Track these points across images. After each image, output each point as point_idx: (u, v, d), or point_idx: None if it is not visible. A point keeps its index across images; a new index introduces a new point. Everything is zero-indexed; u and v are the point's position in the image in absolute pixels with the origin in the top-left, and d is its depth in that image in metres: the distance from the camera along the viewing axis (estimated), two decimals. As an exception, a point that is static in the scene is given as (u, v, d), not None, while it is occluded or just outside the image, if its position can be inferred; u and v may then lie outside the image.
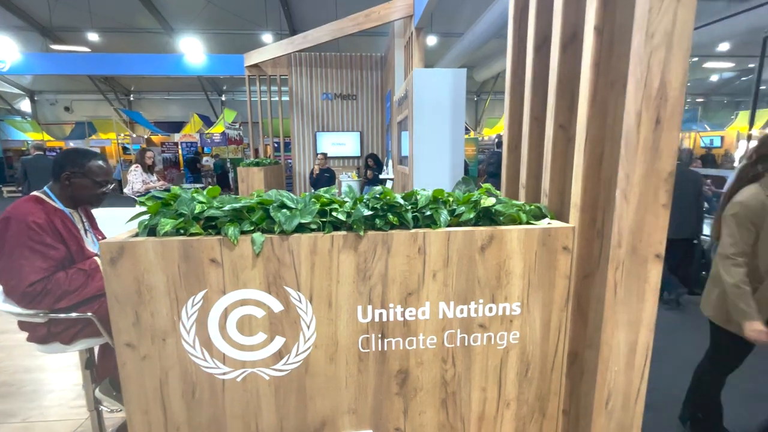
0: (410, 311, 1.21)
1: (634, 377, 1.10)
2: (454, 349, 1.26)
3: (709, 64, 14.16)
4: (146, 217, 1.17)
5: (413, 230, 1.17)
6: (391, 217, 1.18)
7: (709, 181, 8.10)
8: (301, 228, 1.15)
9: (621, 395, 1.11)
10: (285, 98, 7.16)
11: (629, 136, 0.98)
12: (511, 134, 1.65)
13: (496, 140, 10.81)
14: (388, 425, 1.28)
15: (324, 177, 5.65)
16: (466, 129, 15.98)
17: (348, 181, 6.25)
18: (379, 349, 1.23)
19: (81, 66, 9.22)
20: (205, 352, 1.16)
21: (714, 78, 16.61)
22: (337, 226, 1.18)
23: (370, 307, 1.19)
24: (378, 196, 1.22)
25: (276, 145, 9.10)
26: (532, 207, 1.33)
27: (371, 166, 5.83)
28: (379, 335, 1.22)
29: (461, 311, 1.23)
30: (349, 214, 1.16)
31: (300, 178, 7.26)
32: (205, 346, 1.16)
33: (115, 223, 1.69)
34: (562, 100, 1.28)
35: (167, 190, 1.22)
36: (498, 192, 1.38)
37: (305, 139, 7.16)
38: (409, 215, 1.19)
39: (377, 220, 1.17)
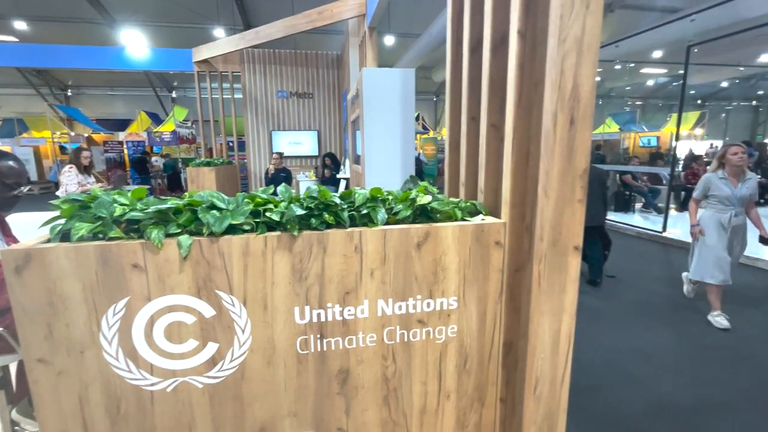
0: (349, 310, 1.21)
1: (559, 363, 1.17)
2: (394, 346, 1.27)
3: (645, 70, 15.31)
4: (62, 221, 1.08)
5: (349, 229, 1.17)
6: (327, 216, 1.17)
7: (645, 177, 8.80)
8: (234, 229, 1.12)
9: (548, 381, 1.17)
10: (238, 96, 6.92)
11: (548, 135, 1.04)
12: (452, 134, 1.70)
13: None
14: (330, 426, 1.28)
15: (280, 177, 5.51)
16: (426, 128, 16.25)
17: (306, 181, 6.15)
18: (319, 349, 1.21)
19: (7, 57, 8.37)
20: (130, 363, 1.10)
21: (650, 83, 18.00)
22: (272, 226, 1.15)
23: (307, 308, 1.18)
24: (314, 195, 1.21)
25: (231, 144, 8.77)
26: (468, 204, 1.38)
27: (328, 166, 5.77)
28: (318, 336, 1.20)
29: (400, 308, 1.25)
30: (283, 214, 1.14)
31: (255, 179, 7.04)
32: (130, 356, 1.09)
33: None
34: (494, 100, 1.33)
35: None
36: (435, 190, 1.41)
37: (260, 138, 6.96)
38: (346, 214, 1.18)
39: (313, 220, 1.16)
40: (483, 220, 1.30)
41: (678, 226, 6.50)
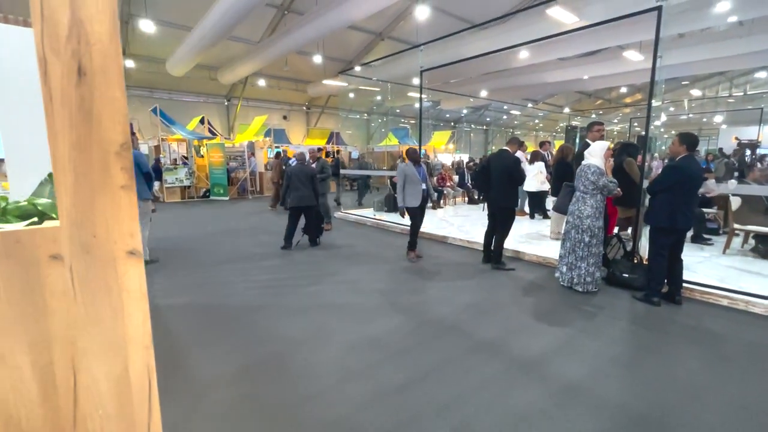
0: None
1: (136, 414, 0.86)
2: None
3: (411, 93, 18.37)
4: None
5: None
6: None
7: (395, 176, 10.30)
8: None
9: (120, 441, 0.85)
10: None
11: (44, 93, 0.71)
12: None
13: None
14: None
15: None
16: (213, 133, 14.78)
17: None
18: None
19: None
20: None
21: (416, 104, 21.85)
22: None
23: None
24: None
25: None
26: (25, 204, 0.93)
27: None
28: None
29: None
30: None
31: None
32: None
33: None
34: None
35: None
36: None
37: None
38: None
39: None
40: (32, 224, 0.88)
41: (429, 221, 7.82)
